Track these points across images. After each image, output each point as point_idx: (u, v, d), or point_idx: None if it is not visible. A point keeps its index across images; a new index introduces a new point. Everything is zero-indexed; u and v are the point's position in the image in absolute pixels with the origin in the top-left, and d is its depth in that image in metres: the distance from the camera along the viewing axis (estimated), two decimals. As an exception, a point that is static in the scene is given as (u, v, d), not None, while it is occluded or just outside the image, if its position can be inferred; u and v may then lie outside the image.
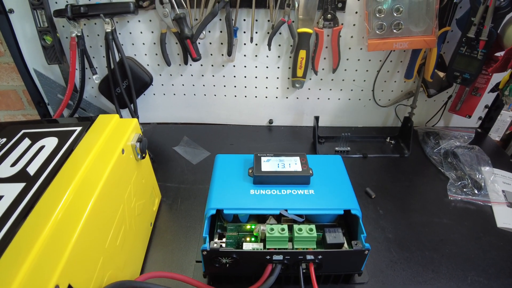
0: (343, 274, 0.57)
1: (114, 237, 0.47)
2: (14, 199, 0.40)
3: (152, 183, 0.70)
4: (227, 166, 0.65)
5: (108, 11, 0.83)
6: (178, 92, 1.02)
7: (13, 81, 1.08)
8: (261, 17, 0.87)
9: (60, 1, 0.85)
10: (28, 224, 0.37)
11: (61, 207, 0.39)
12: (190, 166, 0.88)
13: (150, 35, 0.91)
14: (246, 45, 0.92)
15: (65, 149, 0.50)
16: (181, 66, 0.96)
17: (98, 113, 1.06)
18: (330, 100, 1.02)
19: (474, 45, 0.78)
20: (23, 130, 0.54)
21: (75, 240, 0.36)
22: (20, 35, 0.90)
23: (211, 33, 0.90)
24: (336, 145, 0.96)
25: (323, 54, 0.92)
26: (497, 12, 0.72)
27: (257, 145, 0.98)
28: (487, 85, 0.91)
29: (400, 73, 0.96)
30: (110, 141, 0.53)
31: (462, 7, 0.82)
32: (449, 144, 0.94)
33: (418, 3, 0.78)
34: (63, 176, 0.44)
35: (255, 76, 0.98)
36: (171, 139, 0.99)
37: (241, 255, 0.51)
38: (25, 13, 0.85)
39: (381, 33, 0.81)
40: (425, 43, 0.82)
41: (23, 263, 0.32)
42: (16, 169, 0.46)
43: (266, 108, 1.04)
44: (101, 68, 0.97)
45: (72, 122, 0.57)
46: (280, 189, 0.59)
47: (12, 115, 1.18)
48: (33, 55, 0.93)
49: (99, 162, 0.48)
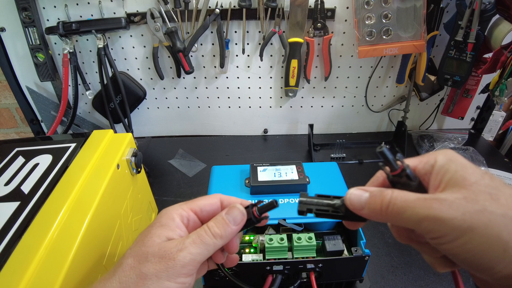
0: (345, 281, 0.57)
1: (112, 253, 0.46)
2: (8, 218, 0.40)
3: (148, 198, 0.69)
4: (224, 177, 0.65)
5: (99, 27, 0.83)
6: (172, 105, 1.02)
7: (5, 99, 1.07)
8: (252, 29, 0.88)
9: (52, 18, 0.86)
10: (23, 243, 0.36)
11: (57, 225, 0.38)
12: (186, 179, 0.88)
13: (142, 49, 0.91)
14: (238, 57, 0.92)
15: (59, 166, 0.49)
16: (174, 79, 0.97)
17: (92, 128, 1.05)
18: (323, 108, 1.02)
19: (462, 48, 0.80)
20: (16, 148, 0.54)
21: (72, 259, 0.36)
22: (12, 53, 0.90)
23: (203, 45, 0.91)
24: (331, 152, 0.96)
25: (315, 62, 0.93)
26: (483, 15, 0.74)
27: (252, 155, 0.98)
28: (477, 87, 0.92)
29: (392, 78, 0.97)
30: (105, 156, 0.52)
31: (449, 12, 0.84)
32: (443, 146, 0.95)
33: (406, 9, 0.80)
34: (58, 194, 0.44)
35: (248, 86, 0.98)
36: (166, 152, 0.99)
37: (241, 267, 0.51)
38: (17, 31, 0.85)
39: (371, 39, 0.83)
40: (415, 48, 0.83)
41: (19, 283, 0.31)
42: (10, 188, 0.45)
43: (261, 118, 1.05)
44: (94, 84, 0.97)
45: (66, 139, 0.57)
46: (277, 199, 0.58)
47: (5, 133, 1.17)
48: (26, 73, 0.93)
49: (94, 178, 0.47)
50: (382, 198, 0.29)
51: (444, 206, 0.26)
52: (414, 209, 0.27)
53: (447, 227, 0.25)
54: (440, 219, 0.25)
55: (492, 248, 0.24)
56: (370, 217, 0.31)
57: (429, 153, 0.31)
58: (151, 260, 0.30)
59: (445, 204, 0.26)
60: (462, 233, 0.25)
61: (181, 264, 0.31)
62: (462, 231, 0.25)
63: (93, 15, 0.85)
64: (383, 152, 0.29)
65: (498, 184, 0.26)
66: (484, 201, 0.25)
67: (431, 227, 0.26)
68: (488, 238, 0.24)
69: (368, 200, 0.30)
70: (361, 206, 0.31)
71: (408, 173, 0.29)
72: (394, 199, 0.28)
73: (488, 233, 0.24)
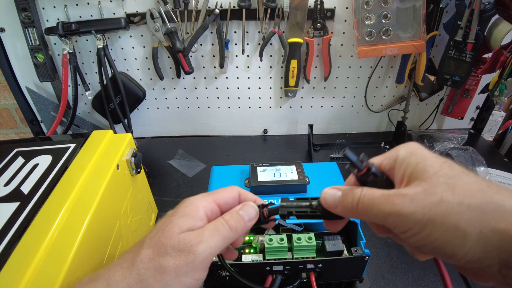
0: (345, 281, 0.56)
1: (112, 254, 0.46)
2: (8, 219, 0.40)
3: (148, 198, 0.69)
4: (223, 177, 0.65)
5: (99, 27, 0.83)
6: (171, 106, 1.02)
7: (5, 99, 1.07)
8: (252, 29, 0.88)
9: (51, 18, 0.86)
10: (23, 244, 0.36)
11: (57, 226, 0.38)
12: (186, 179, 0.88)
13: (142, 50, 0.91)
14: (238, 57, 0.92)
15: (59, 166, 0.49)
16: (174, 79, 0.97)
17: (92, 129, 1.06)
18: (323, 108, 1.03)
19: (462, 48, 0.80)
20: (16, 148, 0.54)
21: (72, 259, 0.36)
22: (12, 54, 0.90)
23: (202, 46, 0.91)
24: (331, 152, 0.96)
25: (314, 62, 0.93)
26: (482, 15, 0.74)
27: (252, 155, 0.98)
28: (477, 87, 0.92)
29: (391, 78, 0.97)
30: (105, 157, 0.52)
31: (448, 12, 0.84)
32: (443, 146, 0.95)
33: (406, 9, 0.80)
34: (58, 194, 0.44)
35: (248, 87, 0.98)
36: (166, 152, 0.99)
37: (241, 267, 0.51)
38: (17, 32, 0.85)
39: (370, 40, 0.83)
40: (414, 48, 0.83)
41: (19, 283, 0.31)
42: (9, 189, 0.45)
43: (260, 118, 1.05)
44: (94, 84, 0.97)
45: (66, 139, 0.57)
46: (277, 199, 0.58)
47: (5, 133, 1.17)
48: (25, 73, 0.93)
49: (94, 178, 0.47)
50: (353, 197, 0.30)
51: (405, 201, 0.27)
52: (379, 206, 0.28)
53: (410, 221, 0.26)
54: (402, 214, 0.27)
55: (452, 237, 0.25)
56: (344, 214, 0.32)
57: (394, 148, 0.32)
58: (170, 253, 0.30)
59: (406, 199, 0.27)
60: (424, 226, 0.26)
61: (200, 259, 0.31)
62: (423, 224, 0.26)
63: (92, 15, 0.85)
64: (346, 154, 0.30)
65: (456, 173, 0.27)
66: (442, 192, 0.26)
67: (396, 222, 0.27)
68: (447, 228, 0.25)
69: (340, 199, 0.32)
70: (335, 204, 0.32)
71: (374, 171, 0.31)
72: (362, 197, 0.29)
73: (446, 223, 0.25)
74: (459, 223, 0.25)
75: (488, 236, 0.25)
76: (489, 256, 0.25)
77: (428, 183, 0.27)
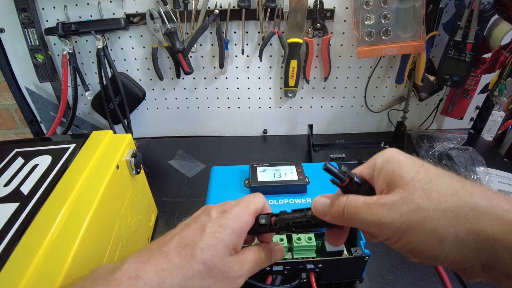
0: (344, 282, 0.56)
1: (111, 254, 0.46)
2: (8, 219, 0.40)
3: (148, 198, 0.69)
4: (223, 178, 0.65)
5: (99, 27, 0.83)
6: (171, 106, 1.02)
7: (5, 100, 1.07)
8: (251, 29, 0.88)
9: (51, 19, 0.86)
10: (22, 244, 0.36)
11: (56, 226, 0.38)
12: (186, 179, 0.88)
13: (141, 50, 0.91)
14: (238, 57, 0.92)
15: (59, 167, 0.49)
16: (174, 80, 0.97)
17: (92, 129, 1.06)
18: (323, 108, 1.03)
19: (461, 48, 0.80)
20: (16, 149, 0.54)
21: (72, 259, 0.36)
22: (11, 54, 0.90)
23: (202, 46, 0.91)
24: (331, 153, 0.96)
25: (314, 63, 0.93)
26: (482, 15, 0.74)
27: (252, 155, 0.98)
28: (476, 87, 0.92)
29: (391, 78, 0.97)
30: (105, 157, 0.52)
31: (448, 12, 0.84)
32: (443, 147, 0.95)
33: (405, 9, 0.80)
34: (58, 195, 0.44)
35: (247, 87, 0.98)
36: (165, 153, 0.99)
37: (241, 267, 0.51)
38: (16, 32, 0.85)
39: (370, 40, 0.83)
40: (414, 48, 0.83)
41: (19, 283, 0.31)
42: (9, 189, 0.45)
43: (260, 118, 1.05)
44: (94, 85, 0.97)
45: (66, 140, 0.57)
46: (277, 199, 0.58)
47: (4, 134, 1.17)
48: (25, 74, 0.93)
49: (93, 179, 0.47)
50: (339, 204, 0.31)
51: (384, 211, 0.28)
52: (362, 214, 0.29)
53: (390, 230, 0.27)
54: (382, 223, 0.28)
55: (431, 243, 0.26)
56: (333, 222, 0.33)
57: (372, 157, 0.33)
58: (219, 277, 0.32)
59: (385, 208, 0.28)
60: (403, 234, 0.27)
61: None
62: (402, 232, 0.27)
63: (92, 16, 0.85)
64: (328, 168, 0.31)
65: (432, 176, 0.28)
66: (418, 199, 0.27)
67: (377, 231, 0.28)
68: (424, 234, 0.26)
69: (329, 207, 0.33)
70: (324, 212, 0.33)
71: (356, 180, 0.32)
72: (347, 205, 0.31)
73: (424, 230, 0.26)
74: (436, 228, 0.26)
75: (465, 239, 0.25)
76: (469, 258, 0.26)
77: (405, 190, 0.28)
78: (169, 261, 0.30)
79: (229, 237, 0.33)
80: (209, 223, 0.33)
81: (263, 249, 0.37)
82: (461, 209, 0.26)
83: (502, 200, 0.26)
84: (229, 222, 0.33)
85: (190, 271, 0.30)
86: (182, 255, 0.31)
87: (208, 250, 0.31)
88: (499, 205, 0.25)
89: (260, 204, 0.37)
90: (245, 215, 0.35)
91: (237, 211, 0.35)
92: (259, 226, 0.36)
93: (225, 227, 0.33)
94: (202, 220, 0.34)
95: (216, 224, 0.33)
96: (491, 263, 0.25)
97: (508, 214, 0.25)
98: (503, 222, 0.25)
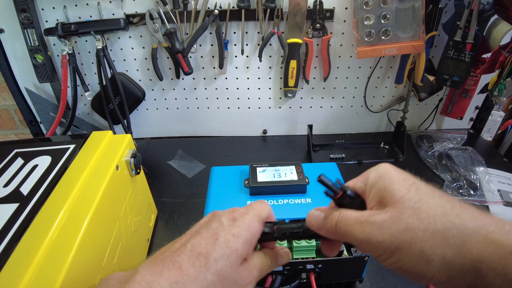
0: (344, 282, 0.57)
1: (111, 255, 0.46)
2: (7, 220, 0.40)
3: (147, 199, 0.69)
4: (223, 178, 0.65)
5: (98, 28, 0.83)
6: (171, 106, 1.02)
7: (4, 100, 1.07)
8: (251, 29, 0.88)
9: (51, 19, 0.86)
10: (22, 245, 0.36)
11: (56, 227, 0.38)
12: (186, 180, 0.88)
13: (141, 50, 0.91)
14: (237, 57, 0.92)
15: (58, 167, 0.49)
16: (173, 80, 0.97)
17: (91, 130, 1.06)
18: (322, 108, 1.03)
19: (461, 48, 0.80)
20: (15, 149, 0.54)
21: (71, 260, 0.36)
22: (11, 54, 0.90)
23: (202, 46, 0.91)
24: (330, 153, 0.96)
25: (314, 63, 0.93)
26: (481, 15, 0.74)
27: (252, 156, 0.98)
28: (476, 87, 0.92)
29: (391, 78, 0.97)
30: (104, 158, 0.52)
31: (447, 12, 0.84)
32: (442, 147, 0.95)
33: (405, 9, 0.80)
34: (57, 195, 0.44)
35: (247, 87, 0.98)
36: (165, 153, 0.98)
37: (241, 268, 0.50)
38: (16, 33, 0.85)
39: (369, 40, 0.83)
40: (414, 48, 0.83)
41: (19, 283, 0.31)
42: (9, 190, 0.45)
43: (260, 118, 1.05)
44: (93, 85, 0.97)
45: (65, 140, 0.57)
46: (277, 199, 0.58)
47: (4, 134, 1.17)
48: (25, 74, 0.93)
49: (93, 179, 0.47)
50: (332, 220, 0.32)
51: (374, 230, 0.28)
52: (353, 232, 0.30)
53: (380, 249, 0.28)
54: (372, 242, 0.28)
55: (418, 263, 0.27)
56: (328, 236, 0.34)
57: (366, 171, 0.34)
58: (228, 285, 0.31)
59: (376, 227, 0.28)
60: (392, 253, 0.28)
61: None
62: (392, 251, 0.28)
63: (91, 16, 0.85)
64: (321, 180, 0.32)
65: (423, 195, 0.29)
66: (408, 218, 0.27)
67: (368, 248, 0.29)
68: (413, 254, 0.27)
69: (323, 222, 0.33)
70: (319, 227, 0.34)
71: (349, 194, 0.33)
72: (339, 222, 0.31)
73: (412, 250, 0.27)
74: (424, 249, 0.26)
75: (451, 261, 0.26)
76: (455, 279, 0.26)
77: (396, 209, 0.28)
78: (182, 272, 0.29)
79: (242, 247, 0.32)
80: (222, 231, 0.32)
81: (269, 253, 0.37)
82: (449, 231, 0.26)
83: (489, 221, 0.26)
84: (241, 231, 0.33)
85: (205, 282, 0.30)
86: (196, 266, 0.30)
87: (222, 260, 0.31)
88: (485, 226, 0.26)
89: (267, 212, 0.36)
90: (256, 223, 0.34)
91: (249, 220, 0.34)
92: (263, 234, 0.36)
93: (238, 236, 0.32)
94: (213, 228, 0.33)
95: (229, 233, 0.32)
96: (477, 285, 0.26)
97: (493, 235, 0.25)
98: (488, 244, 0.25)
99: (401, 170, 0.32)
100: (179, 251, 0.31)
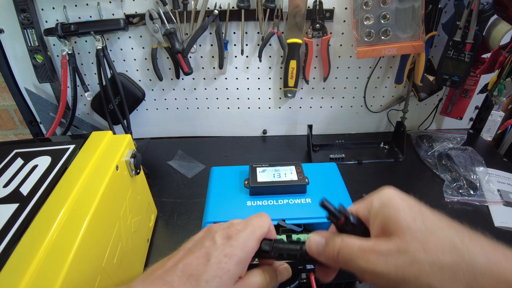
0: (344, 282, 0.57)
1: (111, 255, 0.46)
2: (7, 220, 0.40)
3: (147, 199, 0.69)
4: (223, 178, 0.65)
5: (98, 28, 0.83)
6: (171, 107, 1.02)
7: (4, 100, 1.07)
8: (251, 30, 0.88)
9: (50, 19, 0.86)
10: (22, 244, 0.36)
11: (56, 227, 0.38)
12: (186, 180, 0.88)
13: (141, 50, 0.91)
14: (237, 58, 0.92)
15: (58, 167, 0.49)
16: (173, 80, 0.97)
17: (91, 130, 1.05)
18: (322, 108, 1.03)
19: (461, 48, 0.80)
20: (15, 150, 0.54)
21: (71, 260, 0.36)
22: (11, 55, 0.90)
23: (201, 47, 0.91)
24: (330, 153, 0.96)
25: (313, 63, 0.93)
26: (481, 15, 0.74)
27: (252, 156, 0.98)
28: (476, 87, 0.92)
29: (390, 78, 0.97)
30: (104, 158, 0.52)
31: (447, 12, 0.84)
32: (442, 147, 0.95)
33: (404, 9, 0.80)
34: (57, 195, 0.43)
35: (247, 87, 0.98)
36: (165, 153, 0.98)
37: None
38: (16, 33, 0.85)
39: (369, 40, 0.83)
40: (413, 48, 0.83)
41: (19, 283, 0.31)
42: (8, 190, 0.45)
43: (260, 118, 1.05)
44: (93, 85, 0.97)
45: (65, 140, 0.57)
46: (276, 199, 0.58)
47: (3, 135, 1.17)
48: (24, 74, 0.93)
49: (93, 179, 0.47)
50: (333, 247, 0.31)
51: (379, 260, 0.27)
52: (356, 261, 0.29)
53: (384, 280, 0.27)
54: (377, 273, 0.27)
55: None
56: (328, 264, 0.32)
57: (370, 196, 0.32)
58: None
59: (381, 257, 0.27)
60: (397, 285, 0.27)
61: None
62: (397, 283, 0.27)
63: (91, 16, 0.85)
64: (324, 205, 0.31)
65: (430, 226, 0.28)
66: (414, 251, 0.26)
67: (372, 279, 0.28)
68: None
69: (323, 248, 0.32)
70: (319, 253, 0.33)
71: (352, 221, 0.32)
72: (341, 249, 0.30)
73: (419, 284, 0.26)
74: (432, 283, 0.25)
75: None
76: None
77: (402, 239, 0.27)
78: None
79: (235, 267, 0.31)
80: (214, 251, 0.31)
81: (268, 270, 0.36)
82: (459, 267, 0.25)
83: (501, 257, 0.25)
84: (235, 251, 0.32)
85: None
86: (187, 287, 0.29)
87: (213, 281, 0.30)
88: (497, 263, 0.25)
89: (266, 228, 0.35)
90: (252, 242, 0.33)
91: (243, 238, 0.33)
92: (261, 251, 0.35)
93: (230, 257, 0.31)
94: (206, 247, 0.32)
95: (222, 253, 0.31)
96: None
97: (506, 273, 0.24)
98: (501, 281, 0.24)
99: (406, 196, 0.31)
100: (170, 271, 0.30)
